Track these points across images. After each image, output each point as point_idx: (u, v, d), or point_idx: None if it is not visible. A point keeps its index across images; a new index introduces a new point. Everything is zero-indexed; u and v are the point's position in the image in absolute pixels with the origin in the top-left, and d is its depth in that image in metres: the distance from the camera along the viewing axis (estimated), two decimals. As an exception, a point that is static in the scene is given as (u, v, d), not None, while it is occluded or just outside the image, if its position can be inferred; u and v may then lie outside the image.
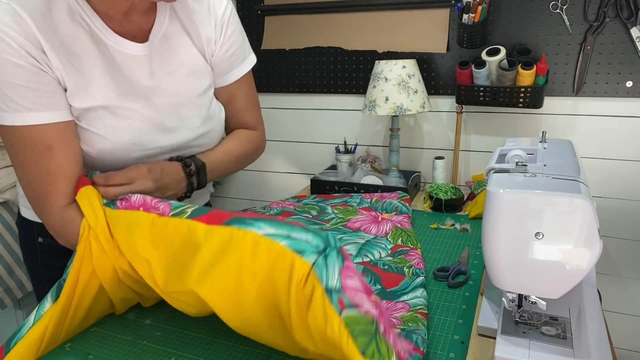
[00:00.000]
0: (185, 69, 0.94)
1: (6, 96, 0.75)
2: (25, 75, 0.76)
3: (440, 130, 1.77)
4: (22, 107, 0.76)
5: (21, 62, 0.75)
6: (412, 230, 1.22)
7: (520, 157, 0.90)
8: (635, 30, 1.43)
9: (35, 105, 0.77)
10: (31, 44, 0.76)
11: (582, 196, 0.68)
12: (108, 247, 0.77)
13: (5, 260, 1.44)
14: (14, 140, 0.79)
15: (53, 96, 0.79)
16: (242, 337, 0.83)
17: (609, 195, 1.60)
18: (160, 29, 0.90)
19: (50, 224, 0.82)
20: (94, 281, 0.79)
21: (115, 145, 0.86)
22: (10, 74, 0.75)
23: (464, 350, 0.78)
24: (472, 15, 1.51)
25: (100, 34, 0.84)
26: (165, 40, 0.91)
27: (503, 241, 0.73)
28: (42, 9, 0.77)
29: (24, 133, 0.78)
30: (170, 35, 0.91)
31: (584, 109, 1.57)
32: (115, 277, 0.80)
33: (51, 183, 0.80)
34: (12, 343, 0.73)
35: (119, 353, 0.79)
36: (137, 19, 0.87)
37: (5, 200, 1.45)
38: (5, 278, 1.45)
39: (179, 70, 0.93)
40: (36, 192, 0.81)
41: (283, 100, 1.98)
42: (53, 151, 0.79)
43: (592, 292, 0.88)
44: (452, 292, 0.97)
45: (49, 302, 0.76)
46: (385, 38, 1.74)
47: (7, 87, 0.75)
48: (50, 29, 0.78)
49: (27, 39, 0.75)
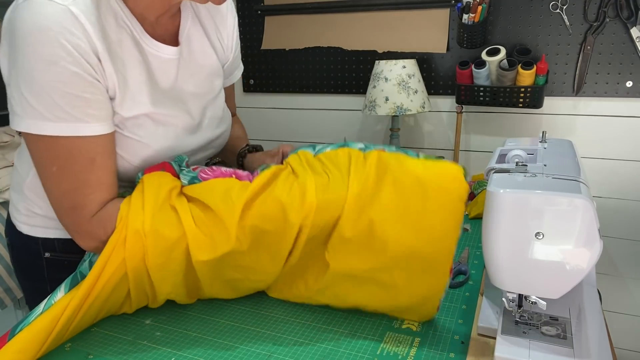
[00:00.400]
0: (205, 70, 0.94)
1: (56, 105, 0.71)
2: (81, 85, 0.72)
3: (440, 130, 1.77)
4: (71, 117, 0.72)
5: (79, 71, 0.71)
6: None
7: (521, 157, 0.90)
8: (635, 30, 1.43)
9: (84, 116, 0.73)
10: (91, 51, 0.72)
11: (582, 196, 0.68)
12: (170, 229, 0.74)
13: (5, 260, 1.44)
14: (53, 150, 0.74)
15: (102, 107, 0.76)
16: (242, 337, 0.83)
17: (609, 195, 1.60)
18: (185, 31, 0.89)
19: (83, 233, 0.79)
20: (118, 272, 0.76)
21: (155, 152, 0.84)
22: (66, 82, 0.70)
23: (464, 350, 0.78)
24: (472, 15, 1.51)
25: (139, 37, 0.81)
26: (189, 42, 0.90)
27: (503, 241, 0.73)
28: (95, 13, 0.73)
29: (67, 144, 0.74)
30: (192, 38, 0.91)
31: (584, 109, 1.57)
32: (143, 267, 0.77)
33: (88, 195, 0.77)
34: (17, 329, 0.72)
35: (119, 353, 0.79)
36: (166, 21, 0.86)
37: (5, 200, 1.45)
38: (5, 278, 1.45)
39: (200, 72, 0.92)
40: (70, 203, 0.78)
41: (283, 100, 1.98)
42: (95, 164, 0.76)
43: (592, 292, 0.88)
44: (452, 292, 0.97)
45: (61, 292, 0.75)
46: (385, 38, 1.74)
47: (61, 96, 0.71)
48: (102, 34, 0.74)
49: (87, 47, 0.71)
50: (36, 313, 0.73)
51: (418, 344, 0.80)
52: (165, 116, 0.85)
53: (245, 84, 2.00)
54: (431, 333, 0.83)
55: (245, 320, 0.88)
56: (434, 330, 0.84)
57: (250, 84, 1.99)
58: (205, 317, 0.90)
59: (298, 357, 0.77)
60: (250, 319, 0.89)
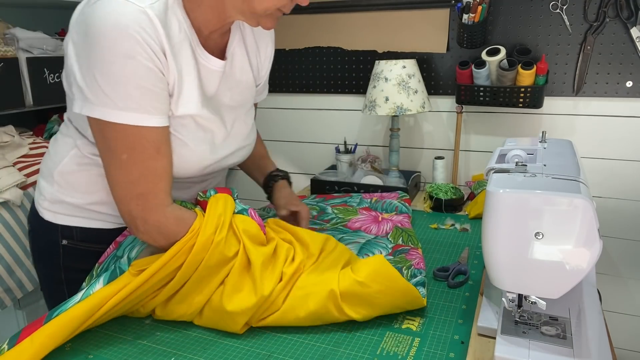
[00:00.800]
0: (242, 86, 1.01)
1: (130, 96, 0.77)
2: (152, 79, 0.79)
3: (440, 130, 1.77)
4: (141, 108, 0.78)
5: (152, 67, 0.78)
6: (413, 230, 1.22)
7: (520, 157, 0.90)
8: (635, 30, 1.43)
9: (151, 108, 0.80)
10: (161, 50, 0.79)
11: (582, 196, 0.68)
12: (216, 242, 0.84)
13: (5, 260, 1.44)
14: (123, 138, 0.79)
15: (165, 102, 0.83)
16: (242, 337, 0.83)
17: (609, 195, 1.60)
18: (231, 48, 0.97)
19: (150, 221, 0.83)
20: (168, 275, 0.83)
21: (192, 152, 0.90)
22: (142, 76, 0.77)
23: (464, 350, 0.78)
24: (472, 15, 1.51)
25: (194, 47, 0.88)
26: (232, 58, 0.97)
27: (503, 241, 0.73)
28: (164, 18, 0.80)
29: (136, 133, 0.79)
30: (235, 54, 0.98)
31: (584, 109, 1.57)
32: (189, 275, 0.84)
33: (157, 183, 0.83)
34: (54, 314, 0.76)
35: (119, 353, 0.79)
36: (216, 37, 0.93)
37: (5, 200, 1.45)
38: (5, 278, 1.44)
39: (237, 87, 1.00)
40: (138, 190, 0.82)
41: (283, 100, 1.98)
42: (161, 153, 0.83)
43: (592, 292, 0.88)
44: (452, 292, 0.97)
45: (99, 284, 0.80)
46: (385, 38, 1.74)
47: (135, 88, 0.77)
48: (169, 37, 0.81)
49: (158, 46, 0.78)
50: (74, 301, 0.78)
51: (418, 344, 0.80)
52: (206, 121, 0.91)
53: (245, 84, 2.00)
54: (431, 333, 0.83)
55: (245, 320, 0.88)
56: (434, 330, 0.84)
57: (250, 84, 1.99)
58: (205, 317, 0.90)
59: (298, 357, 0.77)
60: (250, 319, 0.89)
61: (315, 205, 1.45)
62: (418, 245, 1.14)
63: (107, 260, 0.91)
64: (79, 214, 0.95)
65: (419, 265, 1.02)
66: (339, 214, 1.36)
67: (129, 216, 0.84)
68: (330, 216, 1.36)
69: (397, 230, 1.21)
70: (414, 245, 1.13)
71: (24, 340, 0.73)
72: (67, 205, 0.95)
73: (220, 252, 0.84)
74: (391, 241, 1.17)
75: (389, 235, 1.20)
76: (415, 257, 1.06)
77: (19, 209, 1.49)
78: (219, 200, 0.89)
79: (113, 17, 0.74)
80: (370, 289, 0.82)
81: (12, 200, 1.46)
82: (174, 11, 0.83)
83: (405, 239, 1.16)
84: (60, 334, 0.75)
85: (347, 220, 1.31)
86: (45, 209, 0.97)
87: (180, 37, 0.84)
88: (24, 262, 1.48)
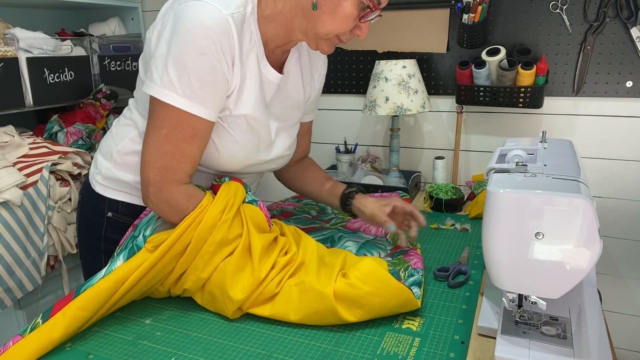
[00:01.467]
0: (292, 101, 1.10)
1: (190, 85, 0.86)
2: (215, 76, 0.88)
3: (440, 130, 1.76)
4: (196, 97, 0.88)
5: (218, 66, 0.88)
6: None
7: (521, 157, 0.90)
8: (635, 30, 1.43)
9: (203, 100, 0.89)
10: (230, 56, 0.89)
11: (582, 196, 0.68)
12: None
13: (5, 260, 1.44)
14: (169, 117, 0.89)
15: (220, 99, 0.92)
16: (242, 337, 0.83)
17: (609, 195, 1.60)
18: (289, 64, 1.06)
19: (163, 192, 0.91)
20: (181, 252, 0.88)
21: (241, 148, 0.99)
22: (207, 71, 0.87)
23: (464, 350, 0.78)
24: (472, 15, 1.51)
25: (260, 57, 0.97)
26: (288, 74, 1.07)
27: (503, 241, 0.73)
28: (240, 28, 0.90)
29: (182, 116, 0.88)
30: (291, 71, 1.08)
31: (584, 109, 1.57)
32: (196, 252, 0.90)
33: (182, 162, 0.91)
34: (81, 289, 0.83)
35: (119, 353, 0.79)
36: (278, 53, 1.03)
37: (5, 200, 1.44)
38: (5, 278, 1.44)
39: (287, 101, 1.09)
40: (163, 163, 0.90)
41: (283, 100, 1.98)
42: (195, 140, 0.91)
43: (592, 292, 0.88)
44: (452, 292, 0.97)
45: (120, 260, 0.86)
46: (385, 38, 1.74)
47: (197, 80, 0.86)
48: (241, 45, 0.91)
49: (229, 51, 0.89)
50: (98, 277, 0.85)
51: (418, 344, 0.80)
52: (257, 123, 1.00)
53: (245, 84, 2.00)
54: (431, 333, 0.83)
55: (245, 321, 0.89)
56: (434, 330, 0.84)
57: (250, 84, 1.99)
58: (205, 317, 0.90)
59: (298, 357, 0.77)
60: (250, 319, 0.89)
61: (315, 205, 1.45)
62: (417, 245, 1.14)
63: (126, 241, 0.96)
64: (127, 190, 1.05)
65: (417, 265, 1.01)
66: (339, 214, 1.36)
67: (146, 182, 0.91)
68: (330, 216, 1.36)
69: None
70: (412, 246, 1.13)
71: (57, 314, 0.80)
72: (118, 182, 1.05)
73: (226, 231, 0.90)
74: (390, 242, 1.17)
75: (388, 236, 1.20)
76: (413, 257, 1.05)
77: (19, 209, 1.49)
78: (231, 185, 0.96)
79: (200, 17, 0.85)
80: (360, 290, 0.84)
81: (12, 200, 1.46)
82: (249, 23, 0.93)
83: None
84: (89, 307, 0.82)
85: (346, 220, 1.31)
86: (98, 182, 1.07)
87: (249, 47, 0.94)
88: (24, 262, 1.48)
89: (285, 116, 1.09)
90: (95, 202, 1.09)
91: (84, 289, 0.83)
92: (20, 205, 1.49)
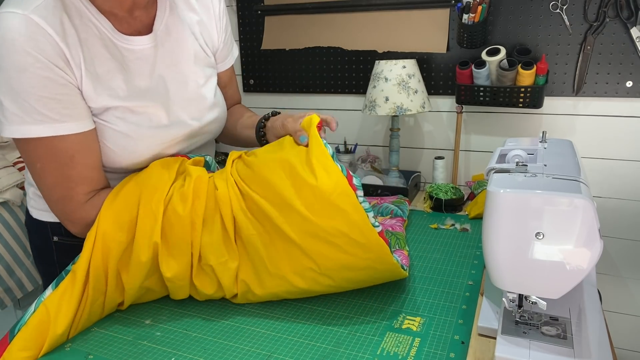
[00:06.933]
0: (188, 60, 0.95)
1: (33, 108, 0.76)
2: (53, 87, 0.77)
3: (440, 130, 1.77)
4: (48, 118, 0.77)
5: (50, 75, 0.76)
6: (403, 234, 1.19)
7: (521, 157, 0.90)
8: (635, 30, 1.43)
9: (61, 116, 0.78)
10: (57, 55, 0.76)
11: (582, 196, 0.68)
12: None
13: (5, 260, 1.44)
14: (37, 150, 0.80)
15: (76, 107, 0.81)
16: (242, 337, 0.83)
17: (609, 195, 1.60)
18: (162, 21, 0.91)
19: (75, 220, 0.86)
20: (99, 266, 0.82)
21: (137, 141, 0.88)
22: (40, 87, 0.75)
23: (464, 350, 0.78)
24: (472, 15, 1.51)
25: (109, 34, 0.84)
26: (168, 33, 0.92)
27: (503, 241, 0.73)
28: (59, 16, 0.77)
29: (48, 143, 0.79)
30: (172, 28, 0.93)
31: (584, 109, 1.57)
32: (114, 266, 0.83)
33: (73, 188, 0.84)
34: (15, 330, 0.76)
35: (119, 353, 0.79)
36: (140, 14, 0.88)
37: (5, 200, 1.45)
38: (5, 278, 1.44)
39: (182, 62, 0.94)
40: (58, 195, 0.84)
41: (283, 100, 1.98)
42: (75, 160, 0.82)
43: (593, 292, 0.88)
44: (452, 292, 0.97)
45: (49, 290, 0.80)
46: (385, 38, 1.74)
47: (36, 101, 0.75)
48: (68, 36, 0.78)
49: (53, 51, 0.76)
50: (29, 312, 0.77)
51: (418, 344, 0.80)
52: (144, 107, 0.88)
53: (245, 84, 2.00)
54: (431, 333, 0.83)
55: (245, 321, 0.88)
56: (434, 331, 0.84)
57: (250, 84, 1.99)
58: (205, 317, 0.90)
59: (298, 357, 0.77)
60: (250, 319, 0.89)
61: None
62: (405, 247, 1.12)
63: None
64: None
65: (402, 262, 1.00)
66: None
67: (58, 217, 0.88)
68: None
69: (387, 233, 1.20)
70: (400, 248, 1.11)
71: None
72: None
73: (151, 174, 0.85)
74: None
75: None
76: (400, 255, 1.04)
77: (19, 209, 1.49)
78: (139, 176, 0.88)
79: (1, 33, 0.72)
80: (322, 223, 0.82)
81: (12, 200, 1.46)
82: (72, 4, 0.79)
83: (393, 242, 1.15)
84: (30, 346, 0.75)
85: None
86: (33, 207, 1.01)
87: (85, 30, 0.80)
88: (24, 262, 1.48)
89: (188, 78, 0.95)
90: (38, 229, 1.01)
91: (17, 329, 0.77)
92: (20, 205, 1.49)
